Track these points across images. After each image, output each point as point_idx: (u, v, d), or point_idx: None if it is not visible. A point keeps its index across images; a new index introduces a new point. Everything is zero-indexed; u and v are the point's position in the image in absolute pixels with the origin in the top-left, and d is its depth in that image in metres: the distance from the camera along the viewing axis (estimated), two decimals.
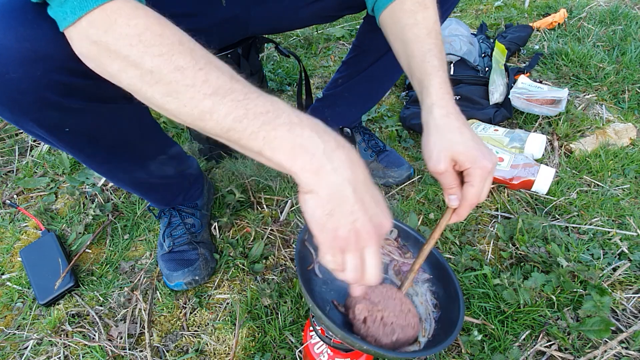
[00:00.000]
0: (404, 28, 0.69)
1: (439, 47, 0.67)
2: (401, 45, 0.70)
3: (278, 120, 0.46)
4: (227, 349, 0.92)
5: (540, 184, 1.16)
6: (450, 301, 0.72)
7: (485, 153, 0.60)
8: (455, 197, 0.62)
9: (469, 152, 0.59)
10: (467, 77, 1.42)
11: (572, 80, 1.58)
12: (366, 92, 1.15)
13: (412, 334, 0.67)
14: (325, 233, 0.48)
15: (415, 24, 0.68)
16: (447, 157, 0.60)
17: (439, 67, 0.64)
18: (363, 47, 1.06)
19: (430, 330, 0.71)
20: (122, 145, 0.80)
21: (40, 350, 0.95)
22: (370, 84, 1.10)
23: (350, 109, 1.20)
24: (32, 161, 1.43)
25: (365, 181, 0.49)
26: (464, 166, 0.60)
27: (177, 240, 1.05)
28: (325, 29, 1.98)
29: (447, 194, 0.63)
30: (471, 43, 1.54)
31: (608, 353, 0.86)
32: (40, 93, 0.58)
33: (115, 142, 0.77)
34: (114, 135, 0.76)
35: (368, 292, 0.69)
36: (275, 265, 1.07)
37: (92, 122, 0.69)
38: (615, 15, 1.87)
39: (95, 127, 0.71)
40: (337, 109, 1.18)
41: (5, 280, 1.10)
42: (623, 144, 1.31)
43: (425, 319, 0.73)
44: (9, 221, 1.25)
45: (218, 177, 1.31)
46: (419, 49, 0.66)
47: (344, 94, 1.15)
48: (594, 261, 1.01)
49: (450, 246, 1.07)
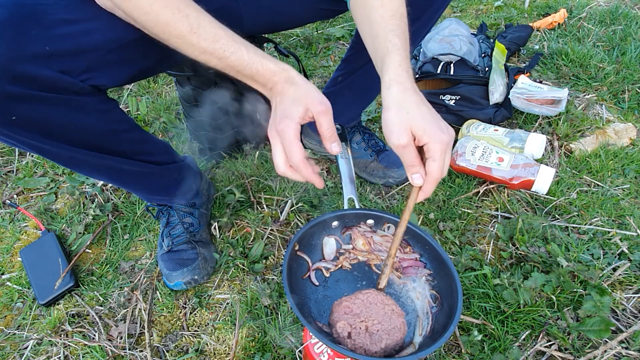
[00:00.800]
0: (370, 10, 0.72)
1: (402, 29, 0.70)
2: (367, 27, 0.74)
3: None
4: (227, 349, 0.92)
5: (540, 184, 1.16)
6: (450, 295, 0.71)
7: (443, 127, 0.62)
8: (418, 175, 0.64)
9: (427, 127, 0.61)
10: (467, 77, 1.41)
11: (572, 80, 1.58)
12: (365, 88, 1.15)
13: (400, 336, 0.68)
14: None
15: (381, 6, 0.70)
16: (408, 130, 0.61)
17: (400, 46, 0.67)
18: (362, 43, 1.06)
19: (428, 328, 0.71)
20: (82, 139, 0.78)
21: (40, 350, 0.95)
22: (368, 80, 1.11)
23: (350, 105, 1.21)
24: (32, 161, 1.43)
25: None
26: (422, 140, 0.61)
27: (175, 240, 1.05)
28: (325, 29, 1.98)
29: (410, 173, 0.64)
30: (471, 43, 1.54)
31: (608, 353, 0.86)
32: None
33: (72, 135, 0.76)
34: (70, 128, 0.75)
35: (349, 305, 0.69)
36: (275, 265, 1.07)
37: (45, 112, 0.69)
38: (615, 15, 1.87)
39: (47, 118, 0.70)
40: (336, 107, 1.18)
41: (5, 280, 1.10)
42: (623, 144, 1.31)
43: (423, 314, 0.72)
44: (9, 221, 1.25)
45: (218, 177, 1.31)
46: (382, 29, 0.69)
47: (344, 92, 1.15)
48: (594, 261, 1.01)
49: (450, 246, 1.07)
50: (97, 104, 0.75)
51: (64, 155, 0.78)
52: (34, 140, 0.72)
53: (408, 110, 0.62)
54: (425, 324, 0.71)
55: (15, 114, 0.65)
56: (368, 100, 1.23)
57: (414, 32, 0.80)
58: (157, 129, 1.49)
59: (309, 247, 0.78)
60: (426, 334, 0.70)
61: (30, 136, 0.71)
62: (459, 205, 1.17)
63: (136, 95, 1.69)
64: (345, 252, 0.81)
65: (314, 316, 0.71)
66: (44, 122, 0.70)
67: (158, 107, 1.59)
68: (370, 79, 1.12)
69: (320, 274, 0.77)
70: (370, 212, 0.82)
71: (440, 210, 1.16)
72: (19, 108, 0.65)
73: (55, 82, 0.66)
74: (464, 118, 1.40)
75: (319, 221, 0.77)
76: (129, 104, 1.57)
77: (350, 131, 1.29)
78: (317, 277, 0.76)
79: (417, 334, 0.70)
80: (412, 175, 0.64)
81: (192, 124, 1.27)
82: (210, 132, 1.26)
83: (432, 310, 0.73)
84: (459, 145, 1.25)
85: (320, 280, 0.76)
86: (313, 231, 0.78)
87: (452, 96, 1.40)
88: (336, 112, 0.73)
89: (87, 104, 0.73)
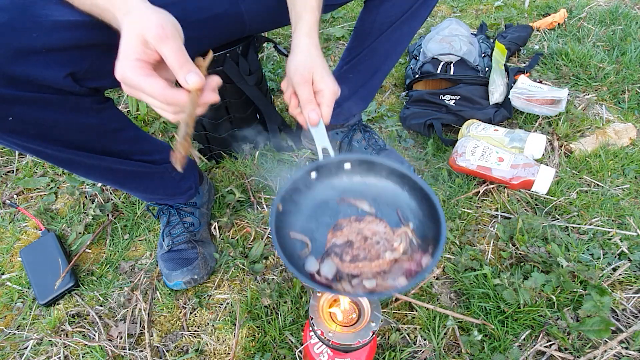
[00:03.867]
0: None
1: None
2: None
3: None
4: (227, 349, 0.92)
5: (540, 184, 1.16)
6: (432, 223, 0.69)
7: (335, 82, 0.72)
8: (315, 112, 0.71)
9: (327, 76, 0.71)
10: (467, 77, 1.41)
11: (572, 80, 1.58)
12: (370, 69, 1.14)
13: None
14: None
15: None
16: (310, 72, 0.71)
17: (317, 8, 0.78)
18: (365, 29, 1.06)
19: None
20: (76, 139, 0.77)
21: (40, 350, 0.95)
22: (372, 60, 1.11)
23: (356, 90, 1.19)
24: (32, 161, 1.43)
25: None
26: (319, 86, 0.71)
27: (176, 239, 1.05)
28: (325, 28, 1.98)
29: (306, 110, 0.71)
30: (471, 43, 1.54)
31: (608, 353, 0.86)
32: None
33: (67, 135, 0.75)
34: (64, 128, 0.73)
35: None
36: (275, 265, 1.07)
37: (39, 112, 0.68)
38: (615, 15, 1.87)
39: (42, 118, 0.69)
40: (342, 92, 1.18)
41: (5, 280, 1.10)
42: (623, 144, 1.31)
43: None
44: (9, 221, 1.25)
45: (218, 177, 1.31)
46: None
47: (349, 76, 1.15)
48: (594, 261, 1.01)
49: (450, 246, 1.07)
50: (93, 104, 0.75)
51: (60, 157, 0.77)
52: (28, 142, 0.71)
53: (314, 60, 0.72)
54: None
55: (11, 115, 0.65)
56: (373, 84, 1.20)
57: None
58: (157, 129, 1.49)
59: (293, 205, 0.76)
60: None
61: (24, 138, 0.70)
62: (458, 205, 1.17)
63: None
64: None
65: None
66: (39, 124, 0.69)
67: None
68: (373, 60, 1.11)
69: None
70: (345, 157, 0.79)
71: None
72: (14, 110, 0.64)
73: (54, 84, 0.65)
74: (464, 118, 1.40)
75: (297, 177, 0.74)
76: (129, 104, 1.57)
77: (350, 129, 1.29)
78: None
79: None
80: (309, 113, 0.70)
81: None
82: (210, 132, 1.27)
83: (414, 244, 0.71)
84: (459, 145, 1.25)
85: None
86: (294, 188, 0.74)
87: (452, 96, 1.41)
88: (342, 96, 0.77)
89: (83, 104, 0.73)
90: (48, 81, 0.64)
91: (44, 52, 0.62)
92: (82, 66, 0.68)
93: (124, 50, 0.52)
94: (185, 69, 0.53)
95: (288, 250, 0.68)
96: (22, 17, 0.60)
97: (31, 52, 0.61)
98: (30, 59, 0.61)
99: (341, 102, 1.21)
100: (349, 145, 1.28)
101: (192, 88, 0.53)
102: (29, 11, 0.61)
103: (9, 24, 0.59)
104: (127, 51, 0.52)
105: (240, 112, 1.23)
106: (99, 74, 0.71)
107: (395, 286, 0.64)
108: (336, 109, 1.26)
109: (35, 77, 0.63)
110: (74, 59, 0.66)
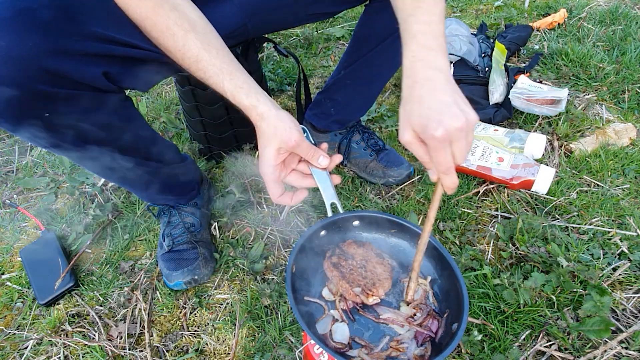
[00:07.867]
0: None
1: (425, 7, 0.68)
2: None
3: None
4: (227, 349, 0.92)
5: (540, 184, 1.16)
6: (455, 299, 0.71)
7: (444, 119, 0.57)
8: (432, 170, 0.63)
9: (424, 122, 0.58)
10: (467, 77, 1.42)
11: (572, 80, 1.58)
12: (367, 77, 1.14)
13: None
14: None
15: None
16: (409, 128, 0.61)
17: (419, 31, 0.68)
18: (363, 34, 1.06)
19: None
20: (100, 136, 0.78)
21: (40, 350, 0.95)
22: (370, 69, 1.10)
23: (354, 96, 1.19)
24: (32, 161, 1.43)
25: None
26: (422, 138, 0.60)
27: (176, 240, 1.05)
28: (325, 28, 1.98)
29: (427, 168, 0.64)
30: (471, 43, 1.54)
31: (608, 353, 0.86)
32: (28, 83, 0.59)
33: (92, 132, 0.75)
34: (92, 125, 0.74)
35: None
36: (275, 265, 1.07)
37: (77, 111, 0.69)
38: (615, 15, 1.87)
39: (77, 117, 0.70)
40: (339, 99, 1.18)
41: (5, 280, 1.10)
42: (623, 144, 1.31)
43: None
44: (9, 221, 1.25)
45: (218, 177, 1.31)
46: (403, 12, 0.70)
47: (346, 82, 1.15)
48: (594, 261, 1.01)
49: (450, 246, 1.07)
50: (118, 102, 0.75)
51: (83, 156, 0.79)
52: (56, 138, 0.71)
53: (411, 106, 0.61)
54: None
55: (47, 112, 0.65)
56: (371, 93, 1.20)
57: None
58: (157, 129, 1.49)
59: (306, 267, 0.76)
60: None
61: (57, 136, 0.70)
62: (459, 205, 1.17)
63: (136, 95, 1.69)
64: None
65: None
66: (70, 121, 0.70)
67: (158, 107, 1.59)
68: (371, 69, 1.11)
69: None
70: (355, 214, 0.81)
71: (440, 210, 1.16)
72: (51, 107, 0.65)
73: (90, 82, 0.66)
74: None
75: (308, 235, 0.75)
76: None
77: (349, 131, 1.28)
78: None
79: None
80: (428, 170, 0.64)
81: (192, 124, 1.27)
82: (210, 132, 1.27)
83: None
84: None
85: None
86: (306, 248, 0.75)
87: None
88: (338, 104, 0.75)
89: (112, 102, 0.73)
90: (85, 79, 0.65)
91: (79, 55, 0.62)
92: (115, 69, 0.69)
93: (264, 157, 0.67)
94: (317, 155, 0.71)
95: (305, 314, 0.72)
96: (64, 17, 0.60)
97: (68, 52, 0.61)
98: (67, 56, 0.61)
99: (338, 110, 1.21)
100: (347, 147, 1.28)
101: (323, 166, 0.72)
102: (70, 14, 0.61)
103: (52, 23, 0.59)
104: (268, 158, 0.67)
105: (240, 112, 1.23)
106: (131, 76, 0.72)
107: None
108: (333, 116, 1.28)
109: (71, 74, 0.63)
110: (109, 62, 0.67)
